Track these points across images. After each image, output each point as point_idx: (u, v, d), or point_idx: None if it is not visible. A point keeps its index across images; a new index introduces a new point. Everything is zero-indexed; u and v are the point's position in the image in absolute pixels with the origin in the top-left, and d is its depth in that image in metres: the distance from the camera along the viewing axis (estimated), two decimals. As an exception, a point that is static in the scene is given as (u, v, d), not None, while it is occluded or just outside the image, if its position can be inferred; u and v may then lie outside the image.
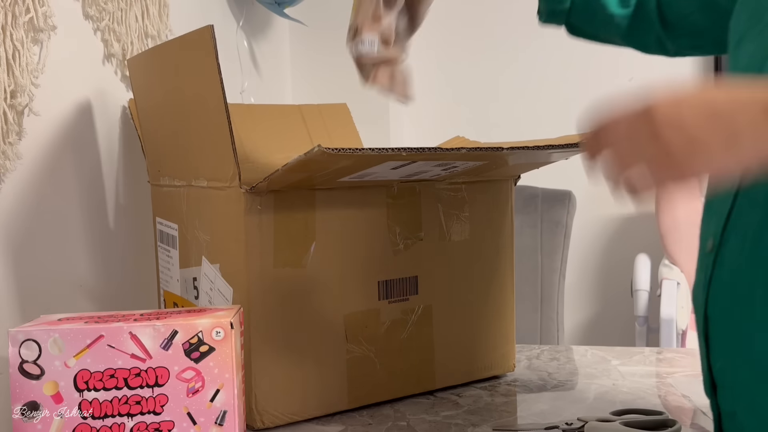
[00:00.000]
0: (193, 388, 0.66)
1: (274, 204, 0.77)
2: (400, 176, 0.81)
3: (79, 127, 0.97)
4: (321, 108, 1.22)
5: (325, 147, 0.65)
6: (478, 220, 0.92)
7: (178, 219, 0.89)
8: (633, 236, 2.21)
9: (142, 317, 0.68)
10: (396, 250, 0.86)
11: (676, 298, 1.82)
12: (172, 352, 0.65)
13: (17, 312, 0.85)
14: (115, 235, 1.03)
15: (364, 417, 0.82)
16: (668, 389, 0.88)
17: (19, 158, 0.85)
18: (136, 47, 1.07)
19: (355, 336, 0.83)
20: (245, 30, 1.61)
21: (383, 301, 0.85)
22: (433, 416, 0.82)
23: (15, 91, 0.82)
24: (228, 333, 0.66)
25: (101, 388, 0.65)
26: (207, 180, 0.82)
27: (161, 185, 0.93)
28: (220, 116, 0.75)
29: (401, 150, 0.68)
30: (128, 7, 1.05)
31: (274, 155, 1.08)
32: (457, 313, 0.91)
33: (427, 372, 0.89)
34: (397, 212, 0.85)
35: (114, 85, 1.05)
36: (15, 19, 0.82)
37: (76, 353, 0.65)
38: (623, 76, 2.04)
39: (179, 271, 0.90)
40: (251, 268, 0.77)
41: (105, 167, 1.02)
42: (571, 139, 0.85)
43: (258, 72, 1.71)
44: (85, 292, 0.97)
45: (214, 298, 0.82)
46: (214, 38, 0.73)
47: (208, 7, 1.44)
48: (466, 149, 0.73)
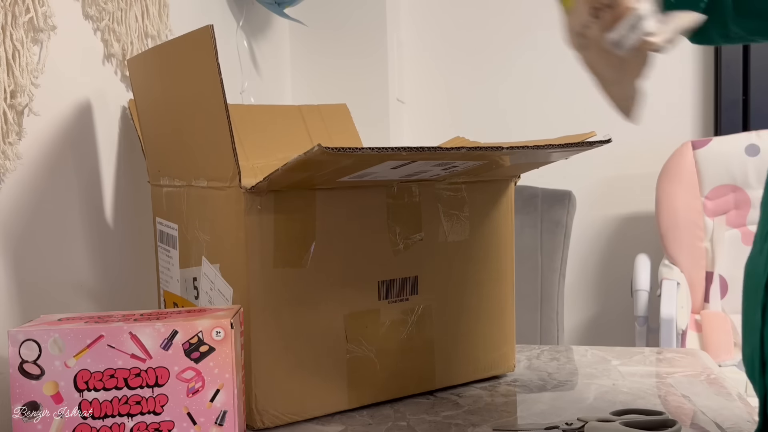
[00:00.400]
0: (193, 388, 0.66)
1: (274, 204, 0.77)
2: (400, 176, 0.81)
3: (78, 127, 0.97)
4: (321, 108, 1.22)
5: (325, 146, 0.65)
6: (478, 220, 0.92)
7: (178, 219, 0.89)
8: (633, 236, 2.21)
9: (142, 317, 0.68)
10: (396, 250, 0.86)
11: (676, 298, 1.82)
12: (172, 352, 0.65)
13: (17, 312, 0.85)
14: (115, 235, 1.03)
15: (364, 417, 0.82)
16: (668, 389, 0.88)
17: (19, 158, 0.85)
18: (136, 47, 1.07)
19: (355, 336, 0.83)
20: (245, 30, 1.61)
21: (383, 301, 0.85)
22: (433, 416, 0.82)
23: (15, 91, 0.82)
24: (228, 333, 0.66)
25: (101, 388, 0.65)
26: (207, 180, 0.82)
27: (161, 185, 0.93)
28: (220, 116, 0.75)
29: (401, 149, 0.68)
30: (128, 7, 1.05)
31: (274, 155, 1.08)
32: (457, 313, 0.91)
33: (427, 372, 0.89)
34: (397, 212, 0.85)
35: (114, 85, 1.05)
36: (15, 19, 0.82)
37: (76, 353, 0.65)
38: (623, 76, 2.04)
39: (179, 271, 0.90)
40: (251, 268, 0.77)
41: (105, 167, 1.02)
42: (571, 139, 0.85)
43: (258, 72, 1.71)
44: (85, 292, 0.97)
45: (214, 298, 0.82)
46: (214, 38, 0.73)
47: (208, 7, 1.44)
48: (466, 149, 0.73)
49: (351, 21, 1.94)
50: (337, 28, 1.95)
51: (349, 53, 1.95)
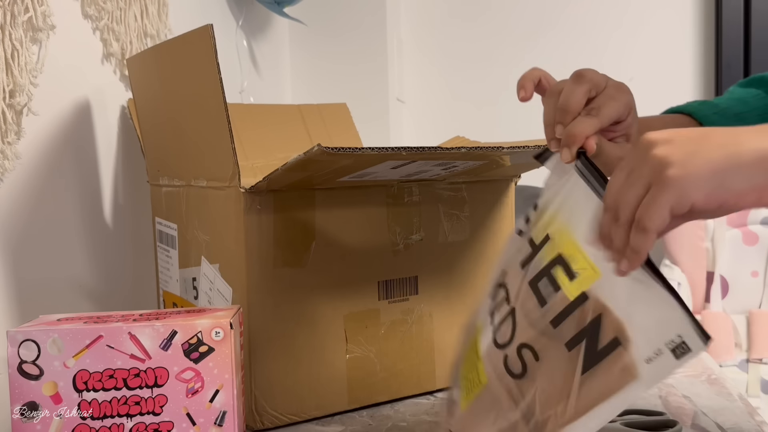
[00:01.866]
0: (193, 388, 0.65)
1: (274, 204, 0.77)
2: (400, 176, 0.81)
3: (78, 127, 0.96)
4: (320, 108, 1.22)
5: (324, 146, 0.64)
6: (478, 220, 0.91)
7: (178, 219, 0.89)
8: (633, 236, 2.21)
9: (141, 317, 0.68)
10: (396, 250, 0.86)
11: (677, 298, 1.81)
12: (172, 353, 0.65)
13: (16, 312, 0.85)
14: (114, 235, 1.03)
15: (364, 418, 0.82)
16: (669, 389, 0.87)
17: (18, 158, 0.84)
18: (135, 47, 1.07)
19: (355, 336, 0.83)
20: (245, 29, 1.61)
21: (383, 301, 0.85)
22: (434, 417, 0.82)
23: (14, 91, 0.82)
24: (227, 333, 0.65)
25: (100, 388, 0.65)
26: (206, 180, 0.81)
27: (160, 185, 0.93)
28: (219, 116, 0.74)
29: (401, 149, 0.68)
30: (127, 7, 1.05)
31: (273, 155, 1.08)
32: (457, 314, 0.90)
33: (427, 372, 0.89)
34: (397, 212, 0.85)
35: (113, 85, 1.05)
36: (14, 19, 0.82)
37: (75, 353, 0.64)
38: (624, 76, 2.05)
39: (178, 271, 0.89)
40: (251, 268, 0.77)
41: (104, 167, 1.02)
42: (571, 139, 0.85)
43: (257, 72, 1.70)
44: (84, 292, 0.97)
45: (213, 299, 0.82)
46: (214, 38, 0.72)
47: (208, 7, 1.44)
48: (466, 149, 0.73)
49: (351, 20, 1.93)
50: (337, 27, 1.95)
51: (349, 53, 1.95)
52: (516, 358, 0.57)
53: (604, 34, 2.09)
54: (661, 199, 0.48)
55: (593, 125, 0.59)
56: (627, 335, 0.52)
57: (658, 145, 0.49)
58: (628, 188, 0.50)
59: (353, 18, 1.93)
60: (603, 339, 0.53)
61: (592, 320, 0.53)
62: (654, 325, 0.51)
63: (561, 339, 0.55)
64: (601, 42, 2.08)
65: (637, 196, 0.50)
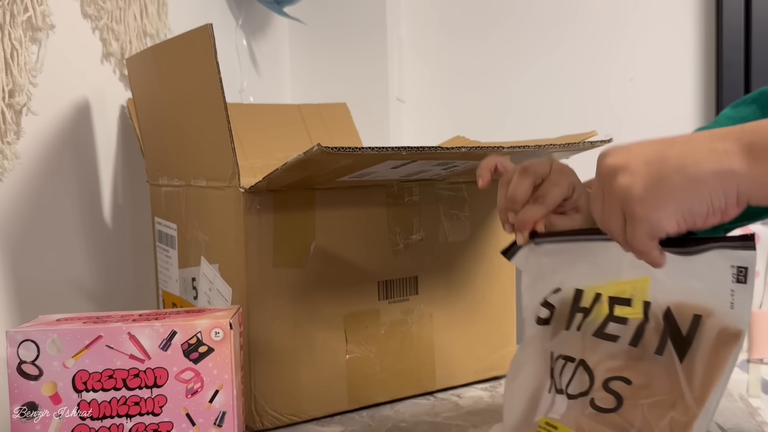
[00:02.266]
0: (192, 388, 0.65)
1: (274, 204, 0.77)
2: (400, 176, 0.81)
3: (77, 127, 0.96)
4: (320, 108, 1.22)
5: (324, 146, 0.64)
6: (478, 220, 0.91)
7: (177, 219, 0.88)
8: (633, 236, 2.21)
9: (140, 318, 0.68)
10: (396, 250, 0.85)
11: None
12: (171, 353, 0.65)
13: (15, 312, 0.85)
14: (113, 235, 1.03)
15: (364, 418, 0.82)
16: (669, 390, 0.87)
17: (18, 158, 0.84)
18: (134, 46, 1.06)
19: (355, 336, 0.83)
20: (244, 29, 1.61)
21: (383, 301, 0.85)
22: (434, 417, 0.82)
23: (13, 91, 0.82)
24: (227, 333, 0.65)
25: (100, 388, 0.64)
26: (206, 180, 0.81)
27: (160, 185, 0.93)
28: (219, 115, 0.74)
29: (401, 149, 0.68)
30: (127, 6, 1.05)
31: (273, 155, 1.08)
32: (457, 314, 0.90)
33: (427, 373, 0.88)
34: (397, 212, 0.85)
35: (112, 85, 1.05)
36: (13, 18, 0.81)
37: (74, 354, 0.64)
38: (624, 76, 2.04)
39: (178, 271, 0.89)
40: (250, 268, 0.77)
41: (103, 167, 1.02)
42: (571, 139, 0.85)
43: (257, 71, 1.70)
44: (83, 292, 0.97)
45: (213, 299, 0.82)
46: (213, 37, 0.72)
47: (207, 6, 1.44)
48: (466, 148, 0.72)
49: (351, 20, 1.93)
50: (337, 26, 1.94)
51: (349, 53, 1.95)
52: (605, 395, 0.58)
53: (604, 35, 2.09)
54: (638, 231, 0.51)
55: (540, 211, 0.66)
56: (702, 306, 0.54)
57: (618, 174, 0.52)
58: (609, 219, 0.53)
59: (353, 18, 1.93)
60: (683, 324, 0.55)
61: (664, 314, 0.56)
62: (713, 278, 0.53)
63: (648, 351, 0.57)
64: (601, 42, 2.08)
65: (619, 225, 0.53)
